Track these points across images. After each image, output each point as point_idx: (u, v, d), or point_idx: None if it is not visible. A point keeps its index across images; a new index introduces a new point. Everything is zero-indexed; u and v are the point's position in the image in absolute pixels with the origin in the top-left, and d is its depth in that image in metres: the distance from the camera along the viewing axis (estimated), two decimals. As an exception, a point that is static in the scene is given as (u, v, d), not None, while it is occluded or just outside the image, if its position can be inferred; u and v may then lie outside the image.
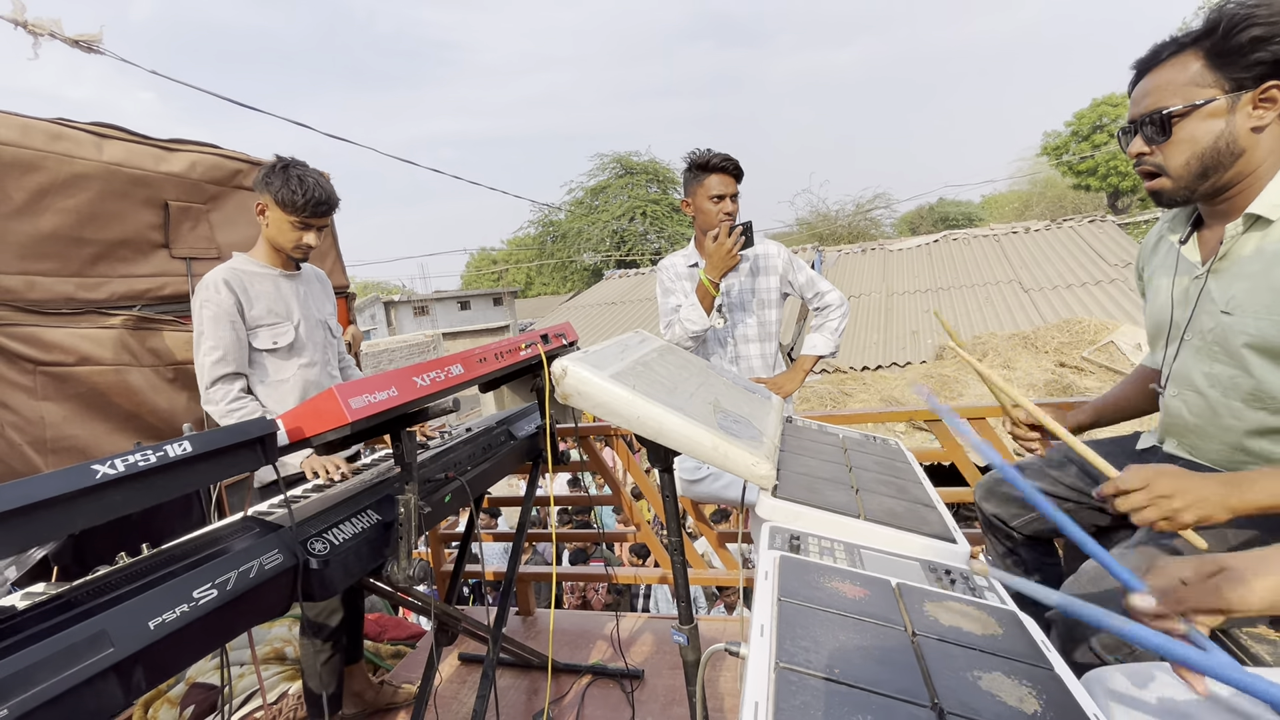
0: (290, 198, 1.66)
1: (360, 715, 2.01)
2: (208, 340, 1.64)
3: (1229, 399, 1.07)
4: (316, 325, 1.87)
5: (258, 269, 1.76)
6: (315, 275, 1.97)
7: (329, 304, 1.98)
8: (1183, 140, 1.03)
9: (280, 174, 1.68)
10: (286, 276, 1.81)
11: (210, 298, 1.64)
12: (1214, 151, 1.01)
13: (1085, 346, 6.39)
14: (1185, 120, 1.01)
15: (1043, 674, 0.62)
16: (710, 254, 1.98)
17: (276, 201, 1.68)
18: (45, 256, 1.81)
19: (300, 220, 1.70)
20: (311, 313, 1.86)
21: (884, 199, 23.33)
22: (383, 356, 14.41)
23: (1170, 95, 1.02)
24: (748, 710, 0.51)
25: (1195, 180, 1.05)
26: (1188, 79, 1.01)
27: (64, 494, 0.75)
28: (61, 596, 0.87)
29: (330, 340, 1.94)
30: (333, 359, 1.95)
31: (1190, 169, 1.04)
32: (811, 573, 0.77)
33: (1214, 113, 1.00)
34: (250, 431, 0.96)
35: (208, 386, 1.64)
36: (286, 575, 1.05)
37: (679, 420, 0.95)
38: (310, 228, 1.73)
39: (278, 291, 1.77)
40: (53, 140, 1.84)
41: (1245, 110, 0.99)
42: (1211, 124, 1.00)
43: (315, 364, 1.84)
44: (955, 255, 10.94)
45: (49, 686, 0.73)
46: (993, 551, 1.50)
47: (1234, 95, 0.99)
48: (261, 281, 1.75)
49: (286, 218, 1.69)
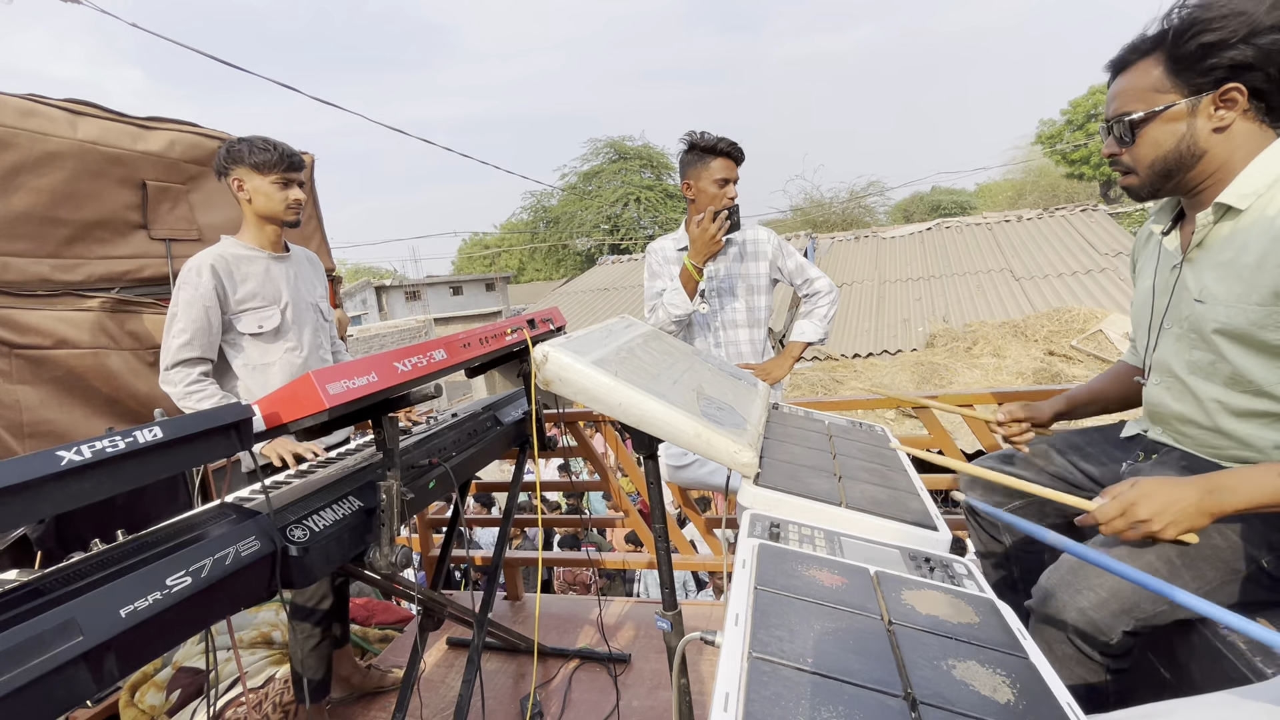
0: (264, 158, 1.66)
1: (348, 699, 2.02)
2: (179, 322, 1.62)
3: (1209, 383, 1.08)
4: (307, 308, 1.85)
5: (246, 251, 1.73)
6: (305, 257, 1.93)
7: (320, 286, 1.96)
8: (1146, 144, 1.07)
9: (243, 144, 1.67)
10: (276, 259, 1.78)
11: (190, 280, 1.62)
12: (1175, 154, 1.05)
13: (1074, 335, 6.43)
14: (1148, 125, 1.06)
15: (1017, 662, 0.61)
16: (694, 239, 1.97)
17: (253, 168, 1.66)
18: (18, 237, 1.77)
19: (281, 177, 1.69)
20: (302, 295, 1.83)
21: (878, 186, 23.32)
22: (374, 341, 14.32)
23: (1133, 101, 1.07)
24: (718, 701, 0.51)
25: (1159, 180, 1.09)
26: (1149, 84, 1.05)
27: (28, 480, 0.73)
28: (30, 585, 0.86)
29: (321, 324, 1.92)
30: (325, 342, 1.93)
31: (1154, 170, 1.08)
32: (790, 561, 0.76)
33: (1174, 117, 1.03)
34: (224, 417, 0.94)
35: (168, 367, 1.62)
36: (264, 562, 1.03)
37: (661, 407, 0.94)
38: (292, 183, 1.72)
39: (267, 274, 1.75)
40: (24, 117, 1.79)
41: (1206, 113, 1.02)
42: (1173, 128, 1.04)
43: (302, 348, 1.82)
44: (948, 243, 10.96)
45: (14, 676, 0.72)
46: (976, 539, 1.51)
47: (1194, 99, 1.02)
48: (250, 264, 1.72)
49: (267, 179, 1.68)
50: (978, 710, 0.53)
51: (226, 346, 1.72)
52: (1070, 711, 0.54)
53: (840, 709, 0.50)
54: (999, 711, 0.53)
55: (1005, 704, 0.54)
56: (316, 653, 1.74)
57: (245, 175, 1.68)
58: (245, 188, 1.70)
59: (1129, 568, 0.81)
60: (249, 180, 1.68)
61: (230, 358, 1.73)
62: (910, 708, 0.52)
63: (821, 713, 0.50)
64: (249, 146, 1.67)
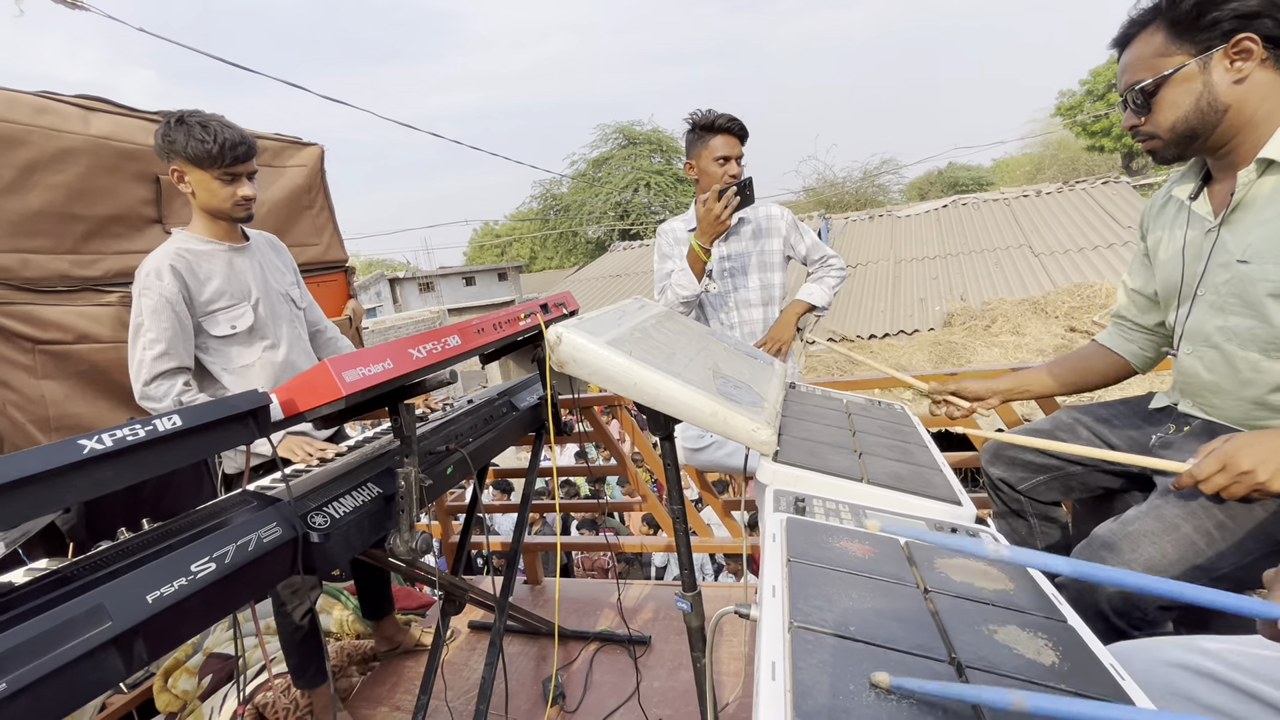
0: (201, 149, 1.44)
1: (393, 654, 2.21)
2: (148, 333, 1.46)
3: (1247, 351, 1.05)
4: (279, 300, 1.72)
5: (203, 245, 1.57)
6: (268, 243, 1.78)
7: (289, 273, 1.82)
8: (1164, 108, 1.05)
9: (179, 128, 1.44)
10: (237, 250, 1.63)
11: (150, 285, 1.47)
12: (1196, 113, 1.03)
13: (1096, 310, 6.30)
14: (1161, 90, 1.04)
15: (1058, 627, 0.60)
16: (700, 219, 1.94)
17: (190, 160, 1.46)
18: (37, 234, 1.79)
19: (224, 172, 1.48)
20: (271, 288, 1.70)
21: (892, 164, 22.92)
22: (389, 333, 14.47)
23: (1141, 70, 1.06)
24: (764, 670, 0.50)
25: (1184, 141, 1.07)
26: (1154, 51, 1.04)
27: (51, 469, 0.74)
28: (59, 572, 0.87)
29: (295, 313, 1.78)
30: (303, 333, 1.80)
31: (1177, 131, 1.06)
32: (819, 533, 0.75)
33: (1187, 77, 1.02)
34: (242, 405, 0.95)
35: (146, 383, 1.47)
36: (286, 548, 1.04)
37: (677, 386, 0.93)
38: (238, 177, 1.51)
39: (231, 269, 1.60)
40: (38, 114, 1.81)
41: (1221, 67, 0.99)
42: (1188, 87, 1.02)
43: (280, 344, 1.70)
44: (965, 220, 10.76)
45: (48, 660, 0.73)
46: (999, 514, 1.49)
47: (1204, 57, 1.00)
48: (210, 260, 1.57)
49: (208, 175, 1.47)
50: (1024, 673, 0.52)
51: (201, 353, 1.59)
52: (1115, 672, 0.53)
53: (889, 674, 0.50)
54: (1045, 674, 0.52)
55: (1050, 666, 0.53)
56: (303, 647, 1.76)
57: (184, 167, 1.48)
58: (186, 180, 1.50)
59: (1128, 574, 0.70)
60: (189, 173, 1.49)
61: (208, 364, 1.61)
62: (958, 672, 0.51)
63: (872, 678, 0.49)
64: (186, 134, 1.43)
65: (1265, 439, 0.88)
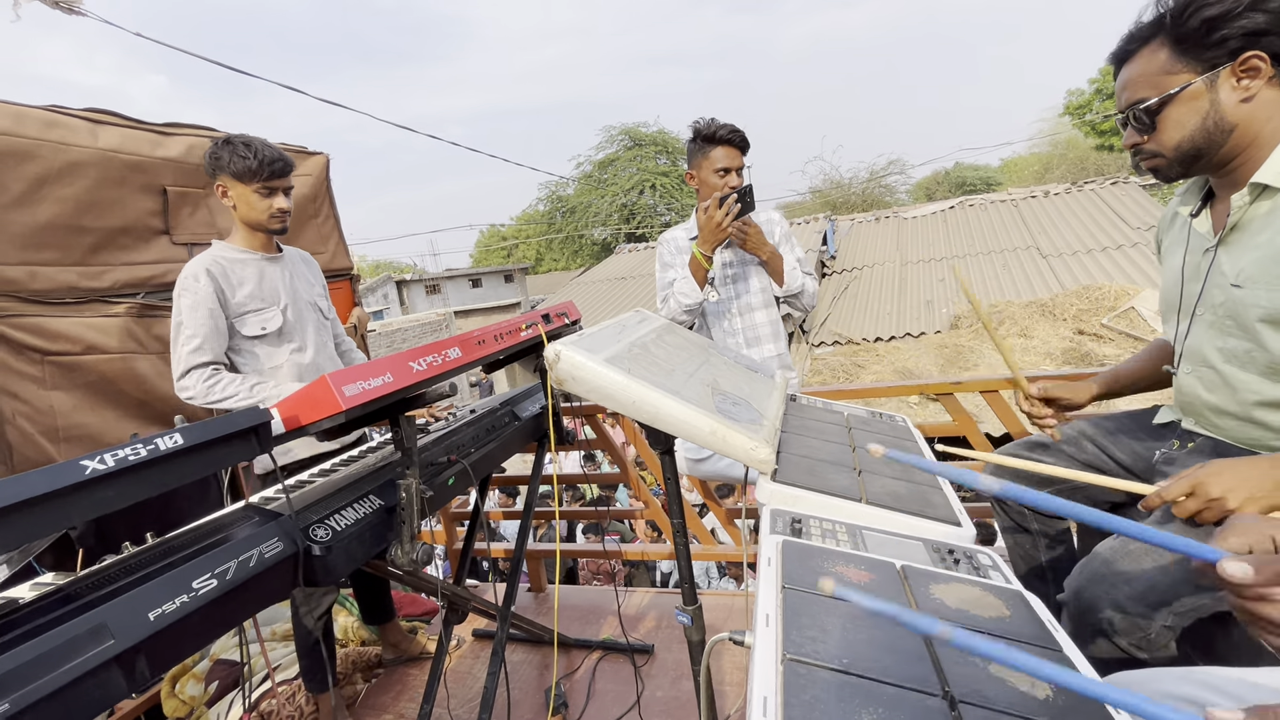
0: (245, 165, 1.62)
1: (397, 661, 2.25)
2: (186, 329, 1.60)
3: (1245, 372, 1.03)
4: (307, 307, 1.84)
5: (239, 254, 1.72)
6: (300, 257, 1.93)
7: (318, 285, 1.95)
8: (1169, 127, 1.02)
9: (225, 148, 1.64)
10: (270, 260, 1.77)
11: (189, 286, 1.62)
12: (1203, 132, 1.00)
13: (1105, 313, 6.25)
14: (1167, 109, 1.01)
15: (1052, 656, 0.60)
16: (702, 227, 1.94)
17: (233, 175, 1.64)
18: (46, 246, 1.81)
19: (263, 186, 1.66)
20: (300, 295, 1.82)
21: (898, 165, 22.82)
22: (396, 336, 14.51)
23: (1144, 87, 1.02)
24: (756, 705, 0.50)
25: (1189, 160, 1.04)
26: (1158, 69, 1.01)
27: (54, 490, 0.75)
28: (62, 590, 0.88)
29: (323, 322, 1.91)
30: (328, 341, 1.92)
31: (1182, 151, 1.03)
32: (815, 557, 0.75)
33: (1193, 95, 0.99)
34: (243, 421, 0.96)
35: (181, 375, 1.60)
36: (287, 563, 1.05)
37: (675, 404, 0.93)
38: (276, 191, 1.69)
39: (262, 276, 1.74)
40: (47, 128, 1.83)
41: (1228, 85, 0.97)
42: (1194, 106, 0.99)
43: (307, 348, 1.81)
44: (972, 221, 10.71)
45: (50, 680, 0.74)
46: (1002, 525, 1.48)
47: (1210, 75, 0.97)
48: (244, 267, 1.71)
49: (249, 189, 1.65)
50: (1017, 708, 0.52)
51: (233, 353, 1.71)
52: (1109, 705, 0.53)
53: (880, 711, 0.50)
54: (1039, 708, 0.52)
55: (1044, 699, 0.53)
56: (314, 651, 1.81)
57: (228, 182, 1.66)
58: (229, 194, 1.67)
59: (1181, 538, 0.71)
60: (232, 188, 1.66)
61: (240, 365, 1.72)
62: (950, 707, 0.51)
63: (862, 716, 0.49)
64: (230, 151, 1.63)
65: (1237, 466, 0.87)
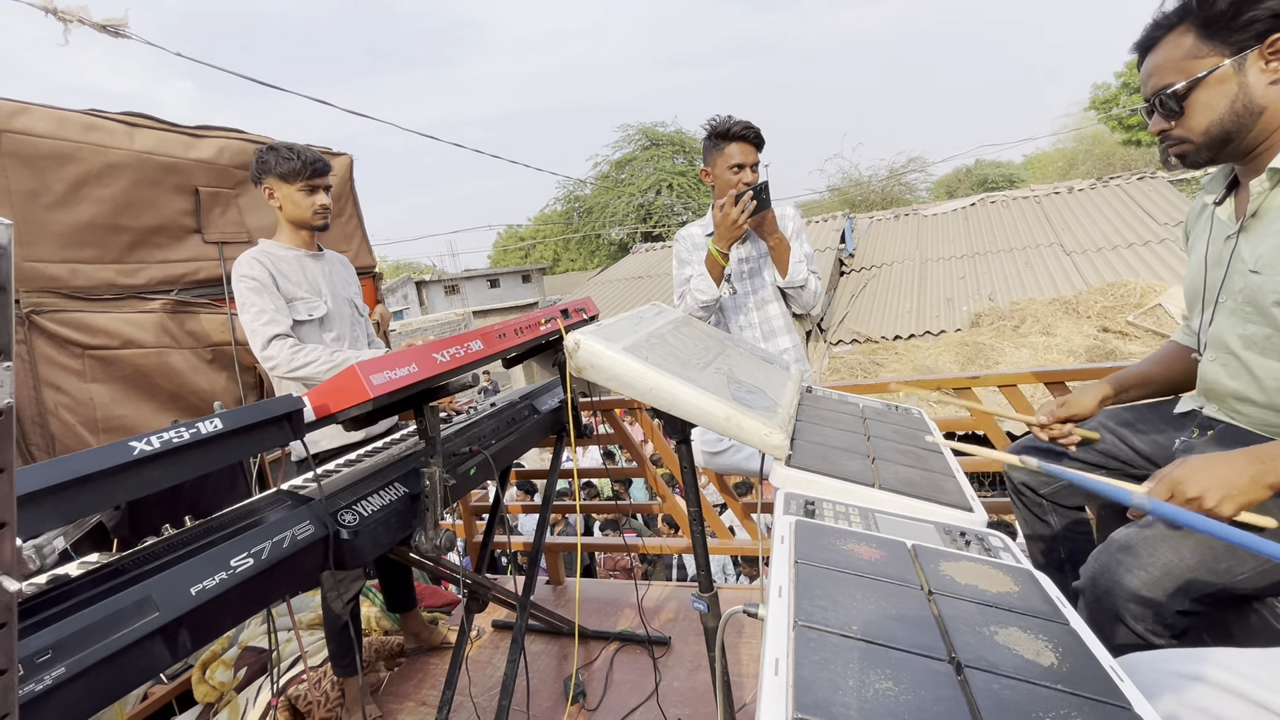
0: (290, 167, 1.77)
1: (419, 650, 2.31)
2: (253, 306, 1.71)
3: (1265, 358, 1.03)
4: (344, 303, 1.96)
5: (283, 251, 1.85)
6: (338, 259, 2.05)
7: (354, 284, 2.08)
8: (1197, 111, 1.02)
9: (271, 154, 1.79)
10: (311, 257, 1.90)
11: (246, 272, 1.74)
12: (1231, 115, 1.00)
13: (1130, 310, 6.14)
14: (1194, 93, 1.01)
15: (1059, 629, 0.61)
16: (718, 224, 1.95)
17: (280, 177, 1.78)
18: (86, 245, 1.89)
19: (307, 184, 1.80)
20: (339, 291, 1.94)
21: (919, 163, 22.54)
22: (415, 335, 14.68)
23: (1171, 73, 1.02)
24: (768, 666, 0.52)
25: (1218, 145, 1.04)
26: (1184, 54, 1.01)
27: (106, 469, 0.80)
28: (111, 565, 0.93)
29: (358, 318, 2.02)
30: (361, 336, 2.03)
31: (1211, 135, 1.03)
32: (827, 536, 0.77)
33: (1221, 79, 0.99)
34: (278, 408, 1.00)
35: (263, 347, 1.70)
36: (318, 545, 1.09)
37: (691, 391, 0.95)
38: (318, 189, 1.83)
39: (304, 271, 1.86)
40: (87, 131, 1.90)
41: (1256, 68, 0.97)
42: (1222, 89, 0.99)
43: (344, 339, 1.92)
44: (993, 218, 10.56)
45: (101, 647, 0.78)
46: (1022, 520, 1.48)
47: (1238, 58, 0.97)
48: (289, 263, 1.83)
49: (293, 188, 1.79)
50: (1022, 673, 0.53)
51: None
52: (1114, 674, 0.54)
53: (888, 671, 0.51)
54: (1043, 674, 0.53)
55: (1049, 667, 0.54)
56: (343, 634, 1.87)
57: (274, 184, 1.80)
58: (275, 195, 1.81)
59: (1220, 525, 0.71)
60: (278, 189, 1.80)
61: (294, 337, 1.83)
62: (956, 671, 0.53)
63: (870, 675, 0.51)
64: (275, 156, 1.78)
65: (1212, 464, 0.87)
